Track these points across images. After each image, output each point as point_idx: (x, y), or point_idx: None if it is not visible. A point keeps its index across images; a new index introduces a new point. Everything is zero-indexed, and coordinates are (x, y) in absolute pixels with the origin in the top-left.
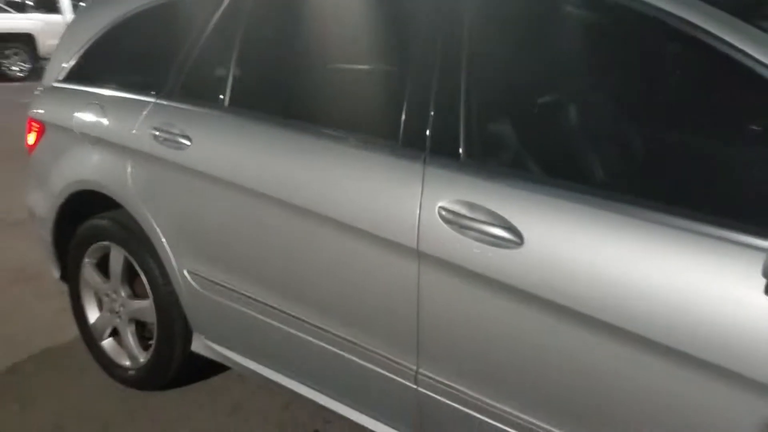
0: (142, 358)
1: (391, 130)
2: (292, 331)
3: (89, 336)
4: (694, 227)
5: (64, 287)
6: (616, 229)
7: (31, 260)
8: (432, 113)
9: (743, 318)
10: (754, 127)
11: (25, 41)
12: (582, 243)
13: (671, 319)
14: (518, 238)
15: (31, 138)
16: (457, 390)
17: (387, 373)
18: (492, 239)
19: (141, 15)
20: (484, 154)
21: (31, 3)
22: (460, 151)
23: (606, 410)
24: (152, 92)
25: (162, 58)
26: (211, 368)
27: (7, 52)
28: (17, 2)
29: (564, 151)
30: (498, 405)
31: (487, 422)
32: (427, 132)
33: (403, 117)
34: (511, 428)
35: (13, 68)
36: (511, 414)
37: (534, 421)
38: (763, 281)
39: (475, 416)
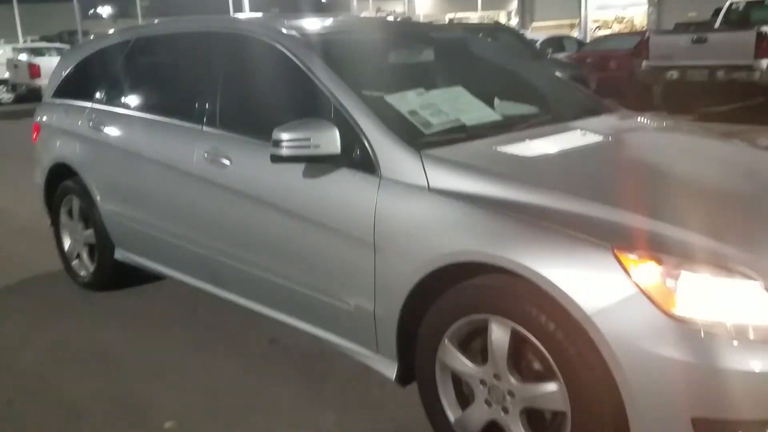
0: (92, 268)
1: (191, 116)
2: (157, 234)
3: (65, 259)
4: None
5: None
6: (254, 150)
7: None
8: (207, 106)
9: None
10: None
11: None
12: (248, 159)
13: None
14: (229, 161)
15: (34, 135)
16: (225, 252)
17: (195, 249)
18: (220, 164)
19: (89, 57)
20: (225, 125)
21: None
22: (217, 123)
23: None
24: (90, 99)
25: (98, 80)
26: (137, 280)
27: None
28: None
29: (243, 122)
30: (247, 257)
31: (244, 270)
32: (204, 116)
33: (195, 108)
34: (257, 271)
35: None
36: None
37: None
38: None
39: (232, 265)
